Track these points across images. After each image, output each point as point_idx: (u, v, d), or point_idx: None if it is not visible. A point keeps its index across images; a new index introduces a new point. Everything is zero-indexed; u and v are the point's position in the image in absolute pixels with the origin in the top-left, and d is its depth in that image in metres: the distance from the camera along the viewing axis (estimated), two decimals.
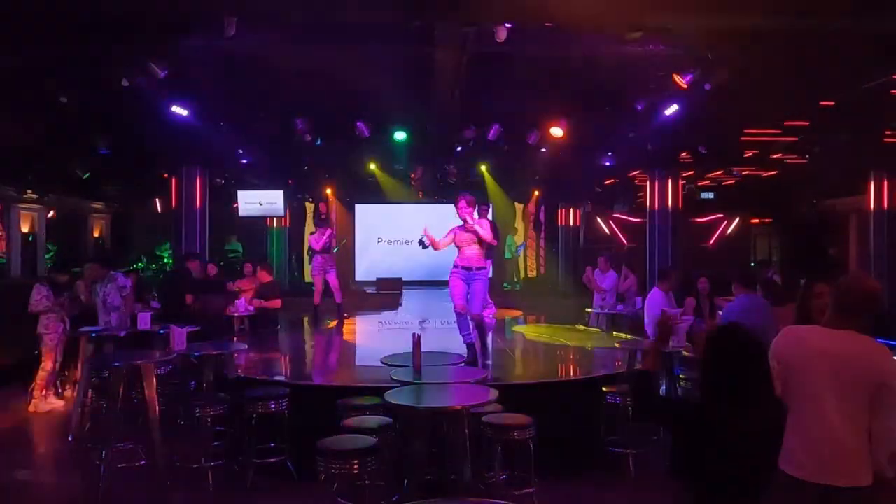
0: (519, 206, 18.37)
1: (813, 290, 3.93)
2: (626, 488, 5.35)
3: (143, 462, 5.45)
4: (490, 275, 7.94)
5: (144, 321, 7.05)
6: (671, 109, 8.74)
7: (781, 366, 2.75)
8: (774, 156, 11.72)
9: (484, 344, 6.78)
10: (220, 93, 8.76)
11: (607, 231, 16.06)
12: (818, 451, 2.63)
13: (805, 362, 2.70)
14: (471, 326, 6.52)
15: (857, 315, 2.71)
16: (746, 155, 11.88)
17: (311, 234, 11.10)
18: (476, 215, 6.66)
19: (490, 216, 9.00)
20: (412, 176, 15.14)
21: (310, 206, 17.51)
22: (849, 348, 2.66)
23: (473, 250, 6.48)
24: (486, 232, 6.46)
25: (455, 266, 6.57)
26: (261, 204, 14.86)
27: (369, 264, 17.74)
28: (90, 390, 6.74)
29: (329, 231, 10.83)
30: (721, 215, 15.77)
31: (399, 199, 16.53)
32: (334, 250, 11.40)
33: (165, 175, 13.02)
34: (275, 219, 16.30)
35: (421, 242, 6.65)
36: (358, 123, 10.30)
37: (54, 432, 6.80)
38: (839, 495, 2.59)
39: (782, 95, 8.24)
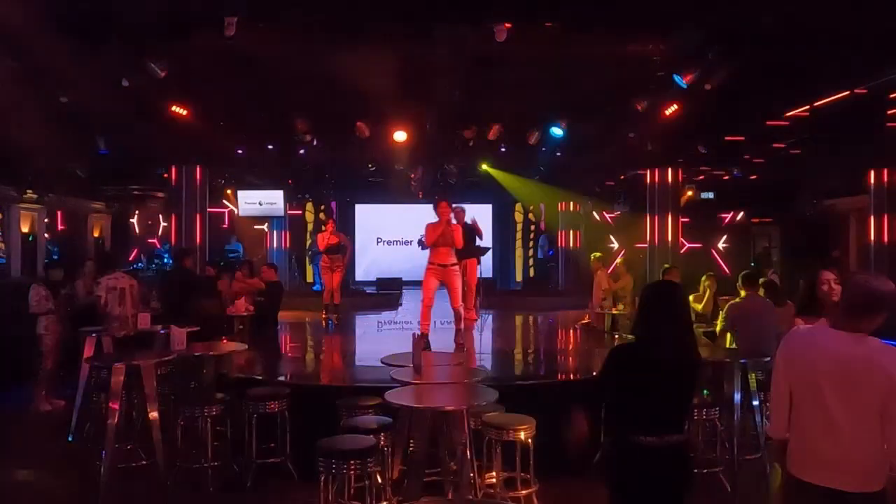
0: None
1: (821, 277, 4.22)
2: None
3: (143, 462, 5.45)
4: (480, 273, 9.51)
5: (144, 321, 7.03)
6: (671, 109, 8.74)
7: (790, 367, 2.72)
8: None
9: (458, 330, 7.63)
10: (219, 92, 8.76)
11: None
12: (826, 454, 2.58)
13: (813, 364, 2.64)
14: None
15: (866, 317, 2.61)
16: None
17: (319, 233, 11.17)
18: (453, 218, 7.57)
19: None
20: (412, 176, 15.11)
21: (310, 206, 17.50)
22: (857, 351, 2.57)
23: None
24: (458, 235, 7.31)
25: (430, 263, 7.32)
26: (261, 204, 14.85)
27: (369, 264, 17.74)
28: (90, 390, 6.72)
29: (341, 234, 10.86)
30: None
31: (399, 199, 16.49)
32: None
33: (165, 175, 13.01)
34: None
35: (420, 242, 6.68)
36: (358, 123, 10.30)
37: (54, 432, 6.78)
38: (848, 500, 2.54)
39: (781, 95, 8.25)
